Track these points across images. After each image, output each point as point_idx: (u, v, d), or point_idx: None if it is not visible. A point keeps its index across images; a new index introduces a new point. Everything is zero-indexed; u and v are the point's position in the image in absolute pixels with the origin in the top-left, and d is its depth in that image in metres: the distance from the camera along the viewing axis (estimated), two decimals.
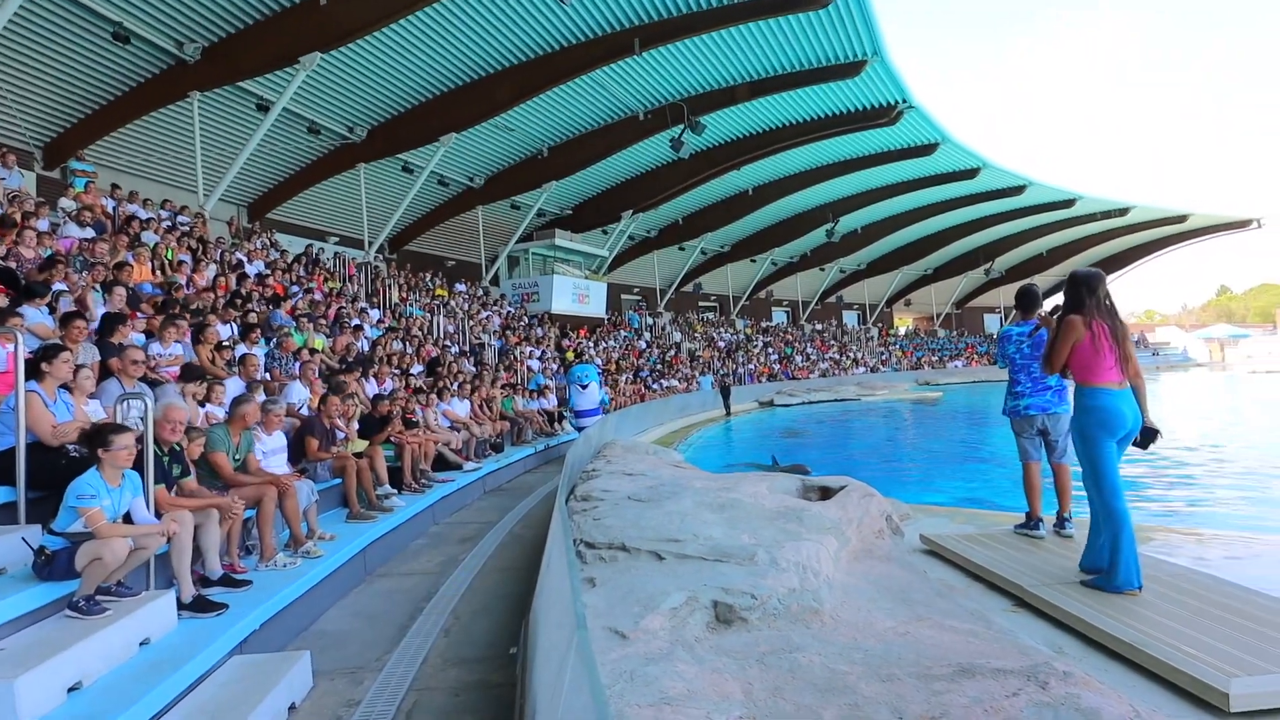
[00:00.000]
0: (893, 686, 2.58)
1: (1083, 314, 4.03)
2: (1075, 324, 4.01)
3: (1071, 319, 4.04)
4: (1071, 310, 4.09)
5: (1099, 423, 3.95)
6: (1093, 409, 3.97)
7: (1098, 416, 3.95)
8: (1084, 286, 4.09)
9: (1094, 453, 3.97)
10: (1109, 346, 3.97)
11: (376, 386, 9.43)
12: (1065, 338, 4.05)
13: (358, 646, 4.16)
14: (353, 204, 21.14)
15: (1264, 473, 10.67)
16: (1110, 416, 3.93)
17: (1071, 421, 4.14)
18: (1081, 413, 4.01)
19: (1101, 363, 3.97)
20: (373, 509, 6.36)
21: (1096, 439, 3.96)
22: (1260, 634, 3.19)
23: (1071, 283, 4.16)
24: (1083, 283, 4.10)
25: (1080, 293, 4.09)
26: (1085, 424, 3.99)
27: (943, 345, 49.05)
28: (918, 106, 23.18)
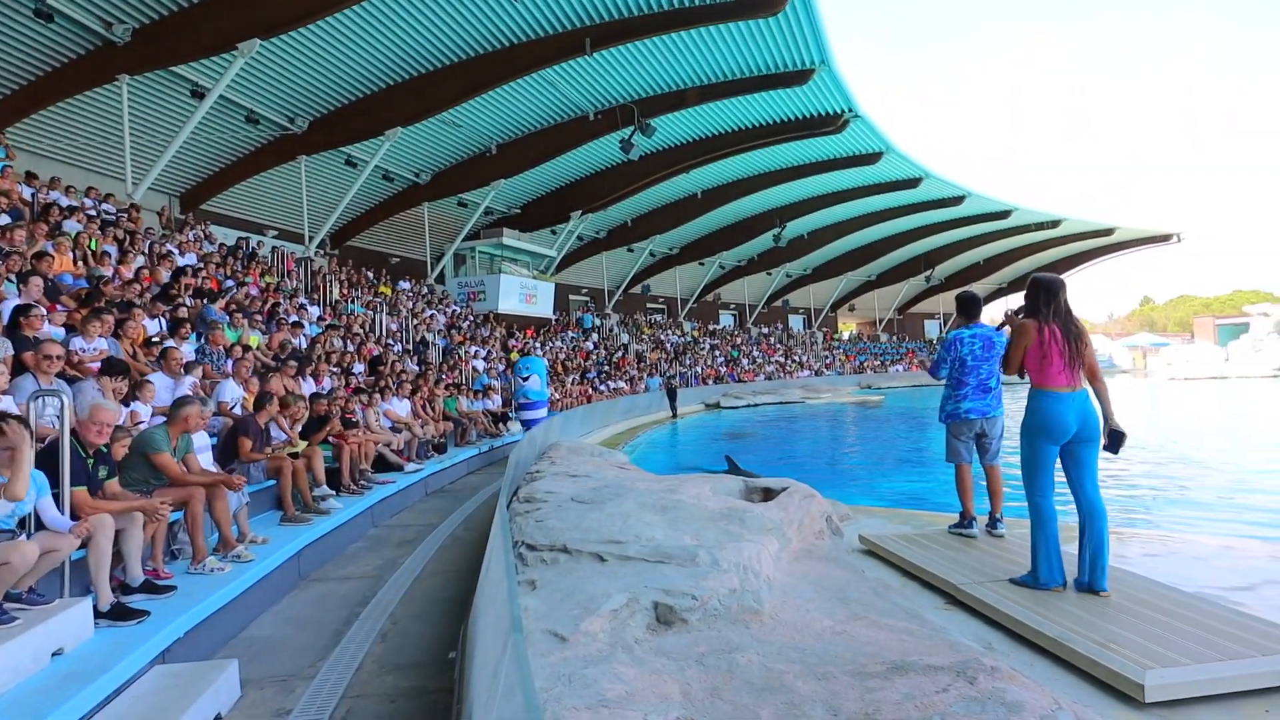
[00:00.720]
0: (828, 684, 2.62)
1: (1037, 319, 4.13)
2: (1028, 328, 4.12)
3: (1025, 323, 4.16)
4: (1029, 314, 4.20)
5: (1040, 425, 4.06)
6: (1035, 410, 4.09)
7: (1039, 419, 4.07)
8: (1043, 291, 4.18)
9: (1030, 452, 4.11)
10: (1058, 351, 4.04)
11: (314, 385, 9.18)
12: (1017, 341, 4.18)
13: (289, 653, 4.03)
14: (293, 197, 20.53)
15: (1181, 474, 11.23)
16: (1049, 419, 4.02)
17: (1023, 423, 4.22)
18: (1026, 413, 4.14)
19: (1050, 367, 4.05)
20: (308, 511, 6.18)
21: (1035, 439, 4.09)
22: (1173, 627, 3.35)
23: (1032, 287, 4.24)
24: (1042, 288, 4.19)
25: (1038, 297, 4.18)
26: (1028, 424, 4.12)
27: (885, 350, 50.26)
28: (863, 116, 23.70)
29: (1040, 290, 4.19)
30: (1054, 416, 4.02)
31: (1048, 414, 4.03)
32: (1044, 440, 4.05)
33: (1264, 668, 2.97)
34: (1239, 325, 51.03)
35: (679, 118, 22.57)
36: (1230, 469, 11.70)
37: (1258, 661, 2.99)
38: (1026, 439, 4.13)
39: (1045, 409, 4.04)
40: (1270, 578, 4.50)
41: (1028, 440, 4.12)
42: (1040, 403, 4.06)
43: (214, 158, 18.53)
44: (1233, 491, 9.78)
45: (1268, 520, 7.75)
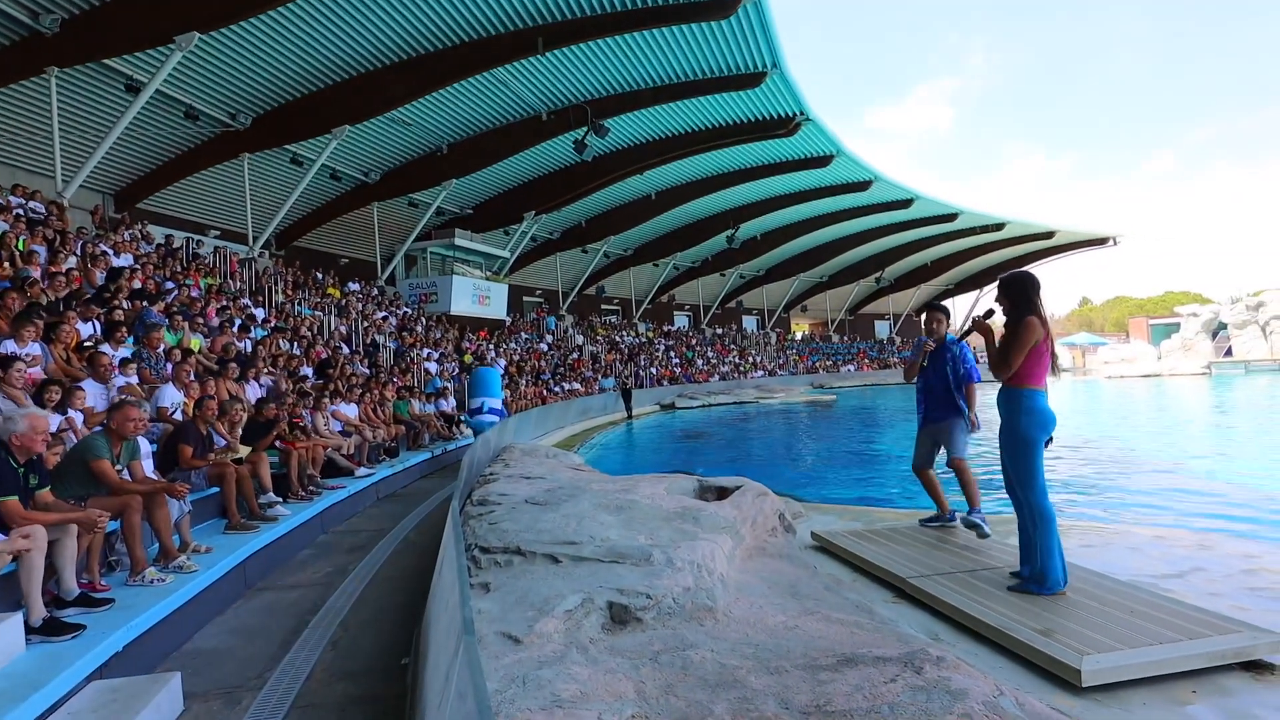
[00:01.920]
0: (780, 678, 2.66)
1: (1038, 315, 4.03)
2: (1035, 325, 3.98)
3: (1031, 320, 3.99)
4: (1027, 312, 4.03)
5: (1041, 425, 3.99)
6: (1036, 411, 4.00)
7: (1040, 419, 3.99)
8: (1031, 288, 4.06)
9: (1034, 455, 4.00)
10: (1050, 351, 4.06)
11: (259, 389, 8.94)
12: (1026, 339, 3.98)
13: (235, 665, 3.92)
14: (236, 196, 19.93)
15: (1116, 468, 11.69)
16: (1049, 419, 4.01)
17: (1010, 424, 4.08)
18: (1024, 414, 4.01)
19: (1040, 366, 4.03)
20: (254, 519, 6.01)
21: (1038, 442, 4.00)
22: (1108, 614, 3.49)
23: (1017, 285, 4.11)
24: (1030, 284, 4.08)
25: (1030, 294, 4.05)
26: (1028, 426, 4.00)
27: (837, 350, 51.14)
28: (814, 119, 24.08)
29: (1028, 287, 4.07)
30: (1050, 415, 4.01)
31: (1045, 414, 4.00)
32: (1043, 440, 4.01)
33: (1191, 650, 3.12)
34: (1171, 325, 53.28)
35: (633, 119, 22.61)
36: (1161, 463, 12.22)
37: (1185, 645, 3.14)
38: (1025, 444, 4.00)
39: (1043, 409, 4.00)
40: (1198, 565, 4.72)
41: (1028, 444, 4.00)
42: (1037, 403, 4.00)
43: (151, 155, 17.88)
44: (1164, 484, 10.22)
45: (1196, 511, 8.13)
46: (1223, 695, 2.96)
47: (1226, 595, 4.11)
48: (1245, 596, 4.09)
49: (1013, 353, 4.02)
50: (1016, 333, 4.04)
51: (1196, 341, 47.39)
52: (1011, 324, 4.10)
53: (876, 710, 2.34)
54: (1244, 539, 5.71)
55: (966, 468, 5.39)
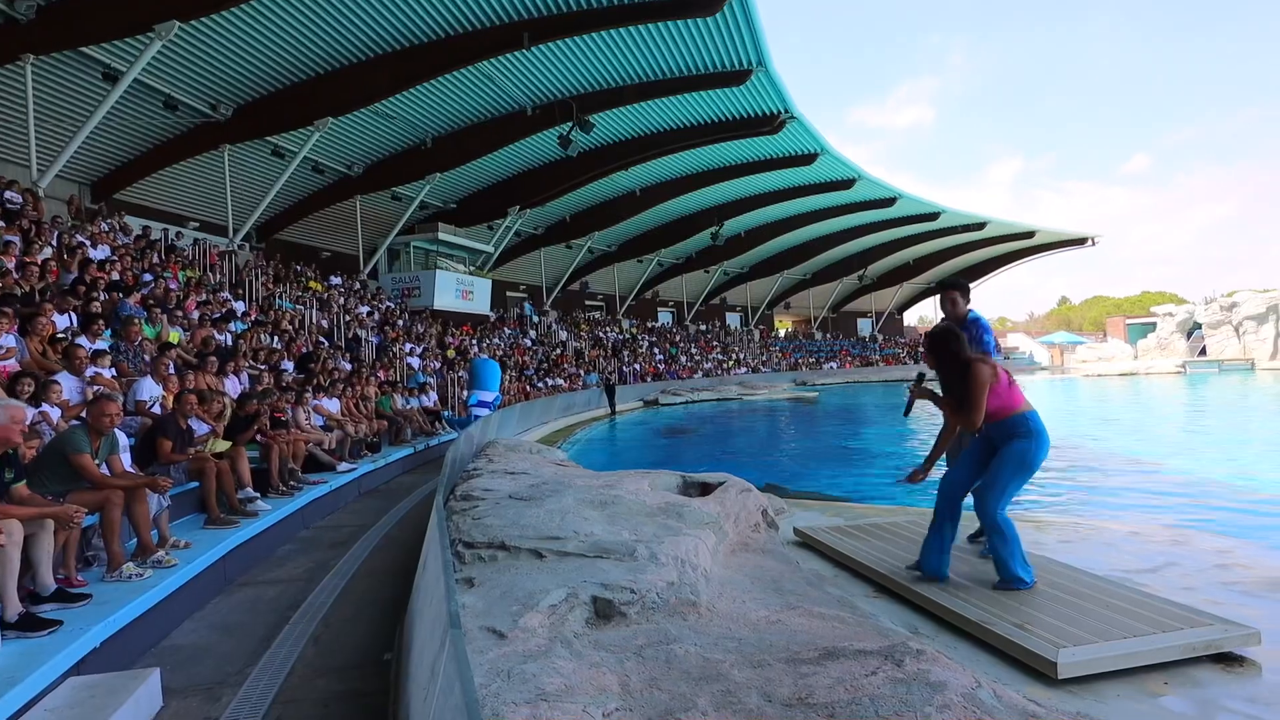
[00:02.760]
0: (763, 672, 2.68)
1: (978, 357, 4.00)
2: (983, 368, 3.93)
3: (977, 366, 3.94)
4: (961, 360, 4.00)
5: (1043, 447, 3.96)
6: (1040, 433, 3.95)
7: (1044, 441, 3.96)
8: (954, 338, 4.07)
9: (1027, 474, 3.97)
10: (1008, 376, 4.02)
11: (239, 383, 8.85)
12: (981, 384, 3.91)
13: (215, 661, 3.90)
14: (216, 188, 19.66)
15: (1094, 464, 11.86)
16: (1048, 440, 3.98)
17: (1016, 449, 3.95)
18: (1033, 437, 3.94)
19: (1015, 390, 4.00)
20: (234, 514, 5.96)
21: (1038, 465, 3.97)
22: (1084, 608, 3.55)
23: (943, 339, 4.10)
24: (953, 335, 4.08)
25: (956, 343, 4.05)
26: (1035, 449, 3.94)
27: (819, 347, 51.41)
28: (799, 117, 24.15)
29: (951, 339, 4.07)
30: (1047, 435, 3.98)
31: (1044, 434, 3.97)
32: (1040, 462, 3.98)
33: (1164, 643, 3.19)
34: (1147, 325, 54.16)
35: (618, 115, 22.56)
36: (1137, 460, 12.43)
37: (1158, 638, 3.20)
38: (1025, 466, 3.95)
39: (1043, 430, 3.96)
40: (1171, 560, 4.81)
41: (1029, 464, 3.96)
42: (1040, 425, 3.95)
43: (129, 145, 17.59)
44: (1140, 480, 10.40)
45: (1170, 507, 8.28)
46: (1194, 687, 3.03)
47: (1199, 589, 4.19)
48: (1218, 590, 4.18)
49: (974, 404, 3.93)
50: (969, 382, 3.95)
51: (1172, 341, 48.21)
52: (959, 376, 4.02)
53: (857, 702, 2.37)
54: (1217, 534, 5.83)
55: None
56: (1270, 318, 41.73)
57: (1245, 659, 3.24)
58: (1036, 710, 2.40)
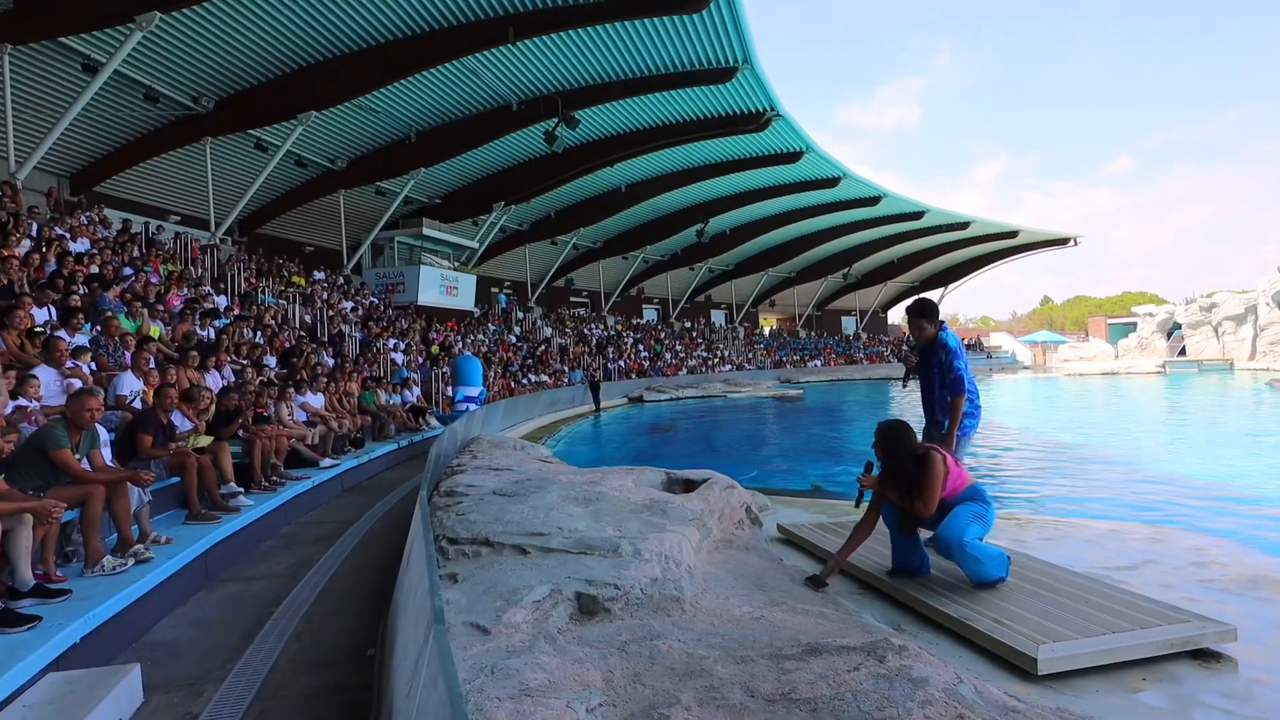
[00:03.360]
0: (746, 667, 2.70)
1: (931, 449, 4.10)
2: (937, 458, 4.03)
3: (931, 457, 4.03)
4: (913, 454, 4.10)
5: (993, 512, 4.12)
6: (990, 502, 4.11)
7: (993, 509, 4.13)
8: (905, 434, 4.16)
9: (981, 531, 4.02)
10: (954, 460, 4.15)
11: (220, 378, 8.77)
12: (937, 475, 4.02)
13: (197, 656, 3.86)
14: (197, 181, 19.43)
15: (1075, 463, 12.00)
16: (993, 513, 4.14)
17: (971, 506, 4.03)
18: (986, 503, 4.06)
19: (963, 469, 4.16)
20: (216, 509, 5.91)
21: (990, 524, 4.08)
22: (1064, 605, 3.60)
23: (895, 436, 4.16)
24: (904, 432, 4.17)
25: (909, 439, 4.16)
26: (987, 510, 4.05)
27: (804, 345, 51.61)
28: (785, 115, 24.21)
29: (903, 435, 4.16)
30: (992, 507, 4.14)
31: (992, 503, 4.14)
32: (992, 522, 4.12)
33: (1142, 640, 3.23)
34: (1128, 324, 54.79)
35: (603, 111, 22.50)
36: (1118, 457, 12.58)
37: (1137, 634, 3.25)
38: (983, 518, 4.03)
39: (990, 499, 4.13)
40: (1150, 558, 4.88)
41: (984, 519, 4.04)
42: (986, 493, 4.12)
43: (109, 137, 17.35)
44: (1120, 478, 10.53)
45: (1149, 505, 8.40)
46: (1171, 683, 3.08)
47: (1177, 586, 4.26)
48: (1195, 588, 4.25)
49: (930, 493, 4.01)
50: (924, 472, 4.02)
51: (1152, 341, 48.80)
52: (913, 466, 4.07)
53: (840, 698, 2.39)
54: (1194, 532, 5.91)
55: None
56: (1248, 319, 42.34)
57: (1222, 655, 3.29)
58: (1017, 705, 2.43)
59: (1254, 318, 41.82)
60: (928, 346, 4.89)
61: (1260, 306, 41.02)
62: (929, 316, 4.88)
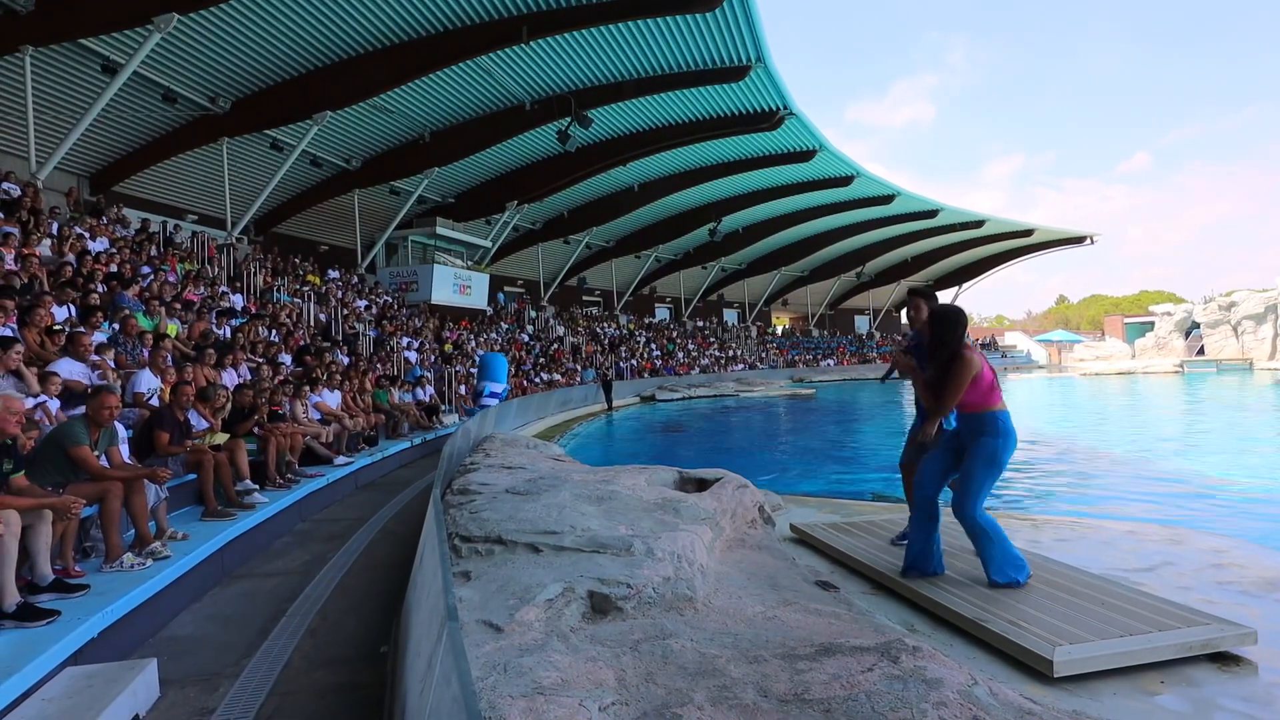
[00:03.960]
0: (759, 667, 2.69)
1: (970, 348, 4.06)
2: (973, 359, 3.99)
3: (967, 355, 4.00)
4: (960, 346, 4.06)
5: (1012, 445, 4.02)
6: (1006, 432, 4.00)
7: (1012, 440, 4.02)
8: (958, 323, 4.12)
9: (996, 473, 4.03)
10: (993, 373, 4.07)
11: (235, 376, 8.84)
12: (965, 373, 3.97)
13: (213, 651, 3.90)
14: (214, 181, 19.62)
15: (1091, 463, 11.89)
16: (1015, 439, 4.04)
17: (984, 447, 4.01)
18: (1001, 436, 3.99)
19: (995, 389, 4.03)
20: (231, 506, 5.96)
21: (1005, 460, 4.02)
22: (1080, 607, 3.56)
23: (947, 321, 4.16)
24: (957, 319, 4.14)
25: (958, 329, 4.11)
26: (1003, 448, 4.00)
27: (817, 344, 51.44)
28: (798, 114, 24.12)
29: (956, 323, 4.13)
30: (1015, 435, 4.04)
31: (1013, 434, 4.02)
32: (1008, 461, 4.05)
33: (1160, 642, 3.19)
34: (1145, 324, 54.24)
35: (616, 110, 22.51)
36: (1134, 458, 12.45)
37: (1155, 637, 3.21)
38: (994, 465, 4.01)
39: (1012, 429, 4.02)
40: (1168, 559, 4.83)
41: (997, 465, 4.02)
42: (1009, 424, 4.02)
43: (128, 137, 17.55)
44: (1136, 479, 10.42)
45: (1167, 506, 8.30)
46: (1190, 686, 3.04)
47: (1195, 589, 4.21)
48: (1213, 590, 4.19)
49: (954, 389, 3.99)
50: (955, 366, 4.00)
51: (1170, 340, 48.26)
52: (943, 362, 4.07)
53: (854, 699, 2.38)
54: (1213, 534, 5.84)
55: None
56: (1269, 318, 41.77)
57: (1241, 658, 3.25)
58: (1032, 708, 2.41)
59: (1274, 316, 41.25)
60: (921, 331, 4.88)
61: None
62: (930, 301, 4.91)
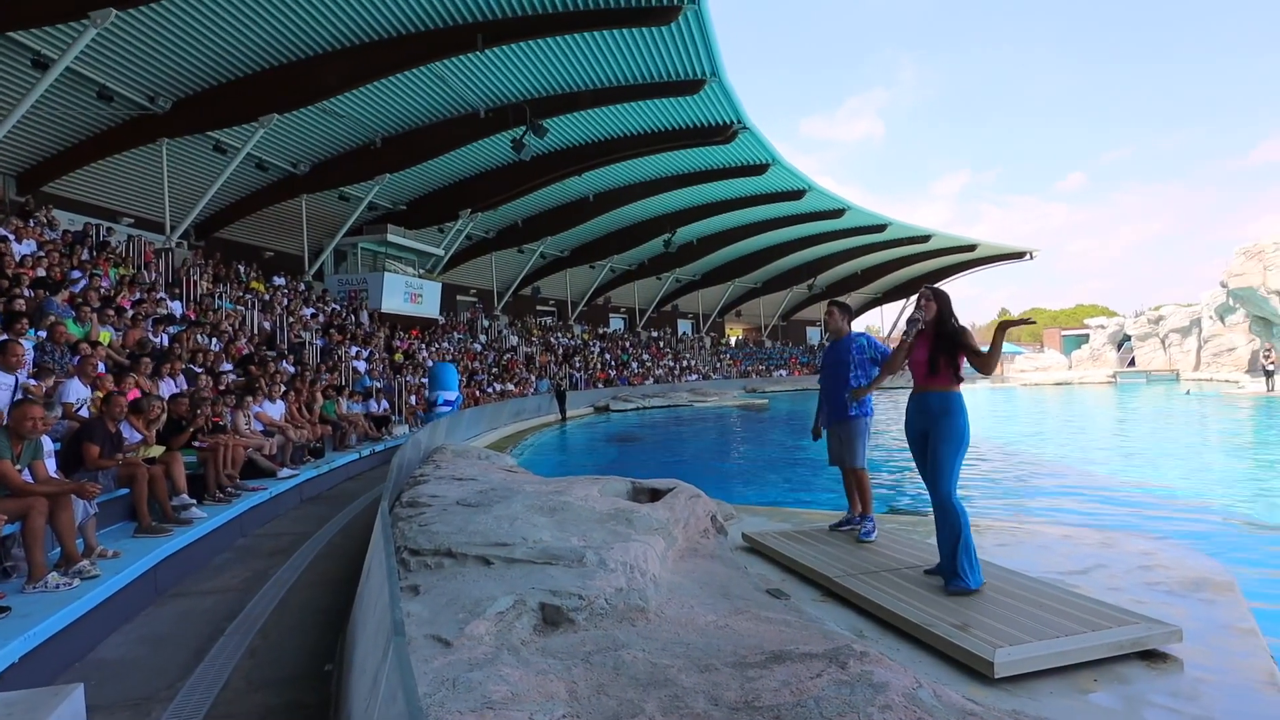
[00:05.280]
0: (710, 676, 2.69)
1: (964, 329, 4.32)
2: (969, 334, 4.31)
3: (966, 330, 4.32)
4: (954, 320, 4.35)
5: (968, 425, 4.22)
6: (964, 411, 4.21)
7: (967, 420, 4.22)
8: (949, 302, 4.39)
9: (960, 455, 4.18)
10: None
11: (173, 386, 8.54)
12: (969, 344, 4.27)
13: (144, 675, 3.74)
14: (153, 183, 18.94)
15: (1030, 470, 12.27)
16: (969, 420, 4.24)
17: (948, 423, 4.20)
18: (962, 415, 4.21)
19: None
20: (167, 521, 5.74)
21: (967, 440, 4.20)
22: (1019, 609, 3.67)
23: (943, 296, 4.44)
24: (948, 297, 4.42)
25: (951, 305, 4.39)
26: (965, 425, 4.20)
27: (769, 355, 52.07)
28: (751, 128, 24.48)
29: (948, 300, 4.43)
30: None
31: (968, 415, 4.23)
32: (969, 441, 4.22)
33: (1093, 642, 3.31)
34: (1081, 336, 56.27)
35: (572, 120, 22.53)
36: (1070, 464, 12.90)
37: (1088, 637, 3.33)
38: (958, 444, 4.17)
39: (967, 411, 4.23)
40: (1101, 562, 5.00)
41: (960, 444, 4.18)
42: (964, 405, 4.23)
43: (59, 136, 16.83)
44: (1073, 484, 10.80)
45: (1101, 510, 8.63)
46: (1121, 683, 3.15)
47: (1126, 590, 4.37)
48: (1143, 590, 4.36)
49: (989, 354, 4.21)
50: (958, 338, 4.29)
51: (1104, 352, 50.21)
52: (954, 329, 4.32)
53: (802, 704, 2.40)
54: (1143, 536, 6.07)
55: (865, 477, 5.49)
56: (1193, 331, 43.77)
57: (1169, 656, 3.38)
58: (974, 709, 2.47)
59: (1198, 330, 43.25)
60: (838, 342, 5.58)
61: (1204, 320, 42.42)
62: (845, 310, 5.68)
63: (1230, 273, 30.76)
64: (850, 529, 5.51)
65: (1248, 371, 35.75)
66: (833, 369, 5.58)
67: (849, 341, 5.52)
